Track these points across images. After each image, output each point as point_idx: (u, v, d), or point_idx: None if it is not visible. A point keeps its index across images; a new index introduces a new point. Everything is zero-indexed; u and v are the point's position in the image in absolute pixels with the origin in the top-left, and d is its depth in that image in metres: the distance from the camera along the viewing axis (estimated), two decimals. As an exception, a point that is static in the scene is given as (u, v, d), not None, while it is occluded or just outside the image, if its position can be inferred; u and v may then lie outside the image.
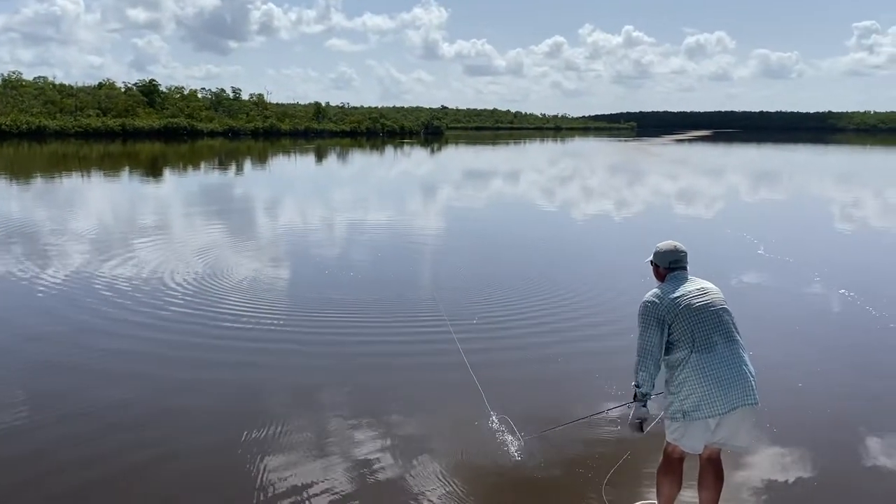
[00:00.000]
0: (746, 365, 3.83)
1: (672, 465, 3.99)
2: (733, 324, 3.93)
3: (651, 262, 4.18)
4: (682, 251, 4.11)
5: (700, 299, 3.88)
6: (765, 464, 5.77)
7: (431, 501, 5.13)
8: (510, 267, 13.58)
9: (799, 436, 6.28)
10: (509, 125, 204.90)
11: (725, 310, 3.93)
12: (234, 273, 12.58)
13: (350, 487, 5.32)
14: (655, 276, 4.16)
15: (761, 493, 5.34)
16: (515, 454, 5.76)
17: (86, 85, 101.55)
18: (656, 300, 3.92)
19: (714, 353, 3.76)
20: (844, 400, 7.21)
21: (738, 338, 3.90)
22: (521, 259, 14.47)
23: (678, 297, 3.89)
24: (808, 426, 6.52)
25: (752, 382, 3.80)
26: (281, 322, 9.60)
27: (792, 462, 5.82)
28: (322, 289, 11.77)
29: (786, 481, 5.51)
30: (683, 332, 3.80)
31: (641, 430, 3.96)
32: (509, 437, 5.99)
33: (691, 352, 3.77)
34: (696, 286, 3.97)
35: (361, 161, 55.94)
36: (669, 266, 4.07)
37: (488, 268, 13.50)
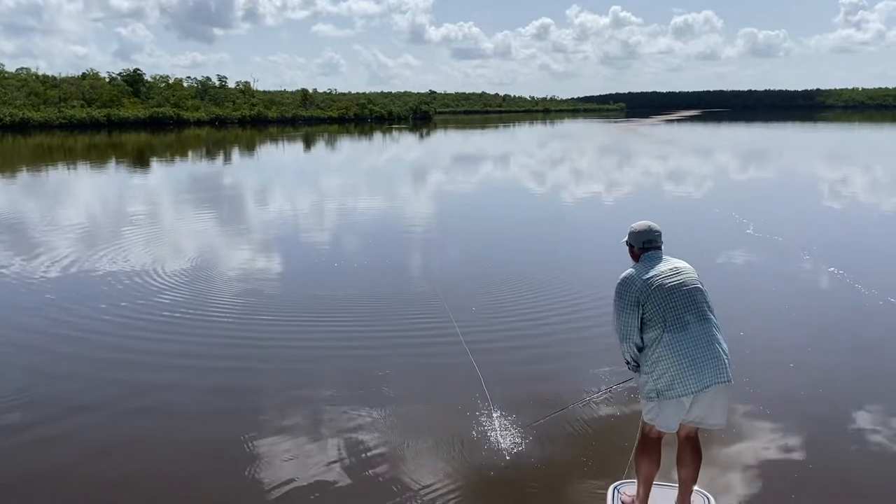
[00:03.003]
0: (720, 343, 3.82)
1: (649, 445, 4.00)
2: (707, 303, 3.92)
3: (626, 242, 4.17)
4: (657, 231, 4.10)
5: (673, 279, 3.88)
6: (757, 443, 5.78)
7: (429, 489, 5.11)
8: (507, 253, 13.58)
9: (791, 415, 6.29)
10: (498, 108, 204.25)
11: (699, 289, 3.92)
12: (224, 262, 12.52)
13: (345, 475, 5.30)
14: (631, 256, 4.16)
15: (754, 472, 5.34)
16: (514, 441, 5.77)
17: (69, 75, 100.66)
18: (630, 281, 3.93)
19: (687, 333, 3.77)
20: (836, 379, 7.21)
21: (712, 317, 3.90)
22: (517, 245, 14.47)
23: (651, 277, 3.89)
24: (800, 406, 6.52)
25: (726, 361, 3.79)
26: (273, 310, 9.56)
27: (784, 442, 5.82)
28: (316, 277, 11.72)
29: (778, 460, 5.52)
30: (656, 311, 3.81)
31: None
32: (508, 424, 5.99)
33: (664, 331, 3.78)
34: (669, 266, 3.96)
35: (350, 148, 55.70)
36: (644, 246, 4.07)
37: (485, 255, 13.49)
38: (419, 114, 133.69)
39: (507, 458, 5.55)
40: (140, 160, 40.16)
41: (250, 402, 6.72)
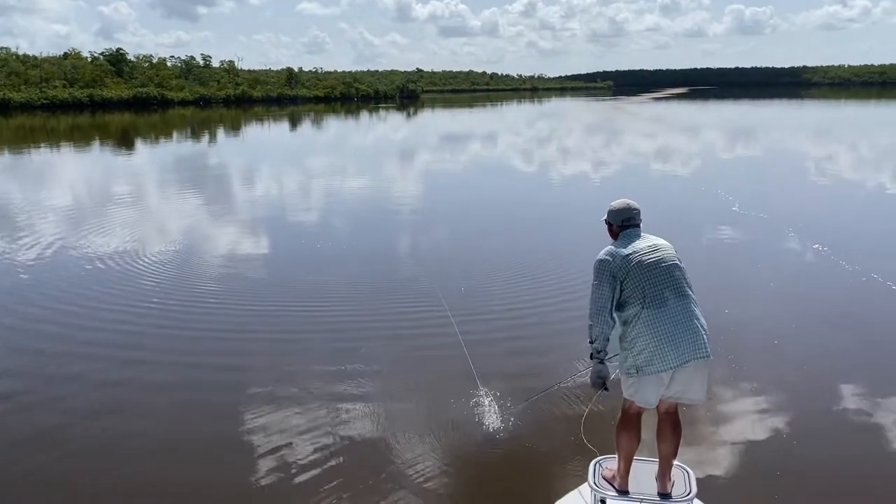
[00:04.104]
0: (698, 319, 3.85)
1: (630, 421, 4.04)
2: (685, 279, 3.95)
3: (605, 220, 4.18)
4: (635, 209, 4.11)
5: (651, 256, 3.90)
6: (741, 420, 5.85)
7: (418, 468, 5.15)
8: (495, 234, 13.59)
9: (775, 392, 6.36)
10: (486, 87, 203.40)
11: (677, 266, 3.94)
12: (208, 245, 12.48)
13: (334, 455, 5.33)
14: (609, 234, 4.18)
15: (738, 448, 5.42)
16: (503, 420, 5.81)
17: (51, 55, 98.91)
18: (609, 258, 3.94)
19: (665, 309, 3.79)
20: (820, 355, 7.28)
21: (690, 293, 3.92)
22: (505, 225, 14.48)
23: (629, 254, 3.90)
24: (784, 382, 6.59)
25: (704, 336, 3.82)
26: (262, 292, 9.53)
27: (768, 418, 5.89)
28: (302, 259, 11.69)
29: (762, 437, 5.59)
30: (634, 288, 3.84)
31: (605, 388, 3.99)
32: (496, 404, 6.03)
33: (642, 308, 3.80)
34: (647, 243, 3.98)
35: (337, 127, 55.32)
36: (622, 224, 4.09)
37: (474, 235, 13.52)
38: (406, 92, 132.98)
39: (496, 436, 5.60)
40: (124, 141, 39.74)
41: (236, 383, 6.72)
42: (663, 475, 3.99)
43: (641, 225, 4.13)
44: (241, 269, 10.84)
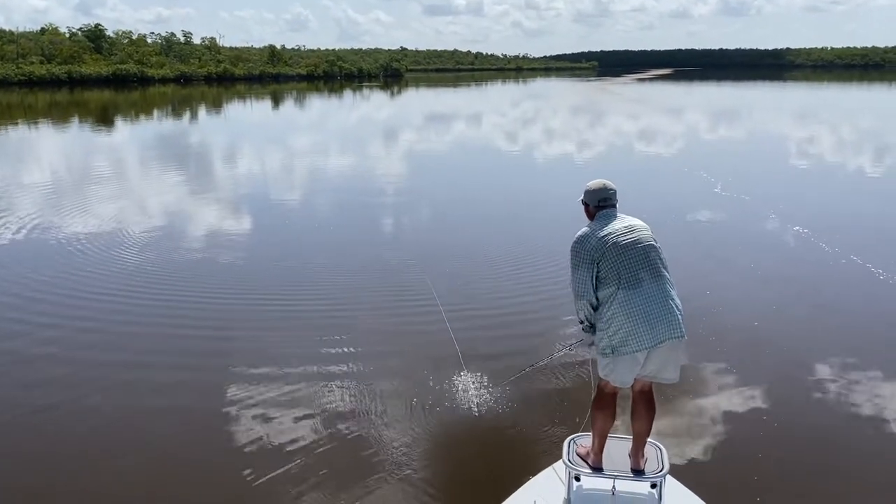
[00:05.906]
0: (673, 300, 3.88)
1: (605, 400, 4.08)
2: (661, 260, 3.96)
3: (581, 201, 4.18)
4: (611, 189, 4.11)
5: (627, 237, 3.91)
6: (723, 401, 5.90)
7: (400, 447, 5.18)
8: (480, 216, 13.59)
9: (756, 373, 6.42)
10: (470, 66, 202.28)
11: (653, 247, 3.95)
12: (187, 228, 12.38)
13: (318, 435, 5.36)
14: (586, 214, 4.17)
15: (720, 429, 5.47)
16: (483, 400, 5.85)
17: (28, 30, 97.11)
18: (585, 239, 3.95)
19: (640, 289, 3.81)
20: (800, 336, 7.37)
21: (666, 274, 3.94)
22: (492, 207, 14.45)
23: (606, 234, 3.91)
24: (765, 363, 6.65)
25: (679, 316, 3.85)
26: (244, 275, 9.50)
27: (747, 399, 5.95)
28: (289, 242, 11.63)
29: (743, 418, 5.65)
30: (610, 269, 3.85)
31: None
32: (478, 386, 6.07)
33: (618, 288, 3.82)
34: (623, 224, 3.98)
35: (320, 106, 54.85)
36: (599, 204, 4.08)
37: (459, 217, 13.50)
38: (390, 71, 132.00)
39: (476, 416, 5.64)
40: (104, 119, 39.18)
41: (218, 365, 6.70)
42: (637, 452, 4.03)
43: (618, 205, 4.13)
44: (221, 252, 10.75)
